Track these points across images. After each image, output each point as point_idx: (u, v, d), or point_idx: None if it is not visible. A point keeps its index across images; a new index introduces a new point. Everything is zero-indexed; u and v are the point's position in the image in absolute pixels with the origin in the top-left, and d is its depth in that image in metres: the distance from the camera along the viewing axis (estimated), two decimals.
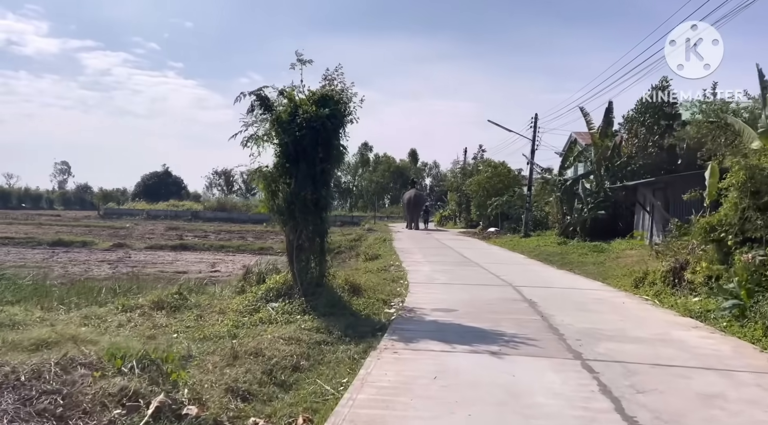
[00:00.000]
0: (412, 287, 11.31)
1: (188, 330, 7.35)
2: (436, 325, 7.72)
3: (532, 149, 28.20)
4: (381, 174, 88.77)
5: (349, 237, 33.49)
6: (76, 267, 21.58)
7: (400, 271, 14.13)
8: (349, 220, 62.63)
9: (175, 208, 72.22)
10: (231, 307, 8.47)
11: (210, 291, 11.08)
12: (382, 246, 24.41)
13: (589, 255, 19.10)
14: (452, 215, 49.18)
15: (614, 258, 18.21)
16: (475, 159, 44.92)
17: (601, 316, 8.58)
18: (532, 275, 14.16)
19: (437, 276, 13.34)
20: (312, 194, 8.62)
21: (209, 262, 24.95)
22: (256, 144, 8.90)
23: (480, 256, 19.02)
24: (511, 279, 12.66)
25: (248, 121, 8.93)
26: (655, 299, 10.16)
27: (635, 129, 24.77)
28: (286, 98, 8.89)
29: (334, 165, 9.07)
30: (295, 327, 7.39)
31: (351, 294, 9.54)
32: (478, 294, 10.54)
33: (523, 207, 31.28)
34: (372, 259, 19.21)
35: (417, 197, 41.43)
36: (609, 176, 25.43)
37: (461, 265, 16.12)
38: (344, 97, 8.98)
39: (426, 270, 14.50)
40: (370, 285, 10.82)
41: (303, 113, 8.58)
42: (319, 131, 8.58)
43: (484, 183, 35.39)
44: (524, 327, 7.60)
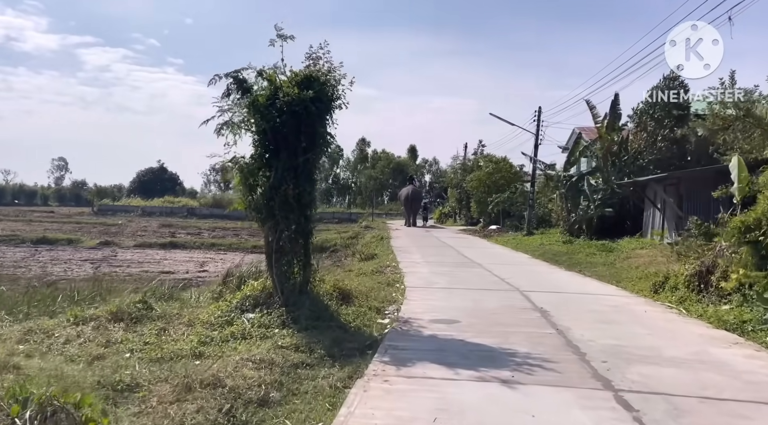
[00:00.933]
0: (409, 292, 10.23)
1: (145, 348, 6.27)
2: (436, 342, 6.64)
3: (535, 143, 27.12)
4: (380, 170, 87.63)
5: (345, 235, 32.42)
6: (56, 266, 20.50)
7: (396, 273, 13.06)
8: (347, 217, 61.60)
9: (171, 205, 71.07)
10: (201, 318, 7.39)
11: (184, 296, 9.99)
12: (379, 244, 23.33)
13: (598, 255, 18.04)
14: (452, 212, 48.09)
15: (624, 258, 17.15)
16: (476, 154, 43.78)
17: (624, 329, 7.50)
18: (539, 278, 13.08)
19: (436, 279, 12.27)
20: (294, 188, 7.54)
21: (198, 261, 23.87)
22: (231, 132, 7.81)
23: (482, 256, 17.94)
24: (518, 283, 11.58)
25: (223, 107, 7.85)
26: (680, 307, 9.08)
27: (644, 122, 23.69)
28: (266, 80, 7.80)
29: (319, 155, 7.96)
30: (270, 344, 6.31)
31: (340, 302, 8.46)
32: (482, 301, 9.46)
33: (526, 204, 30.20)
34: (367, 259, 18.13)
35: (414, 194, 40.43)
36: (616, 172, 24.35)
37: (462, 266, 15.05)
38: (331, 78, 7.87)
39: (424, 272, 13.42)
40: (363, 291, 9.74)
41: (284, 96, 7.48)
42: (302, 116, 7.49)
43: (485, 179, 34.28)
44: (538, 343, 6.52)
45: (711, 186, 17.19)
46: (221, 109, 7.84)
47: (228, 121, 7.79)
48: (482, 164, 37.84)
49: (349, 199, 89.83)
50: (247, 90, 7.71)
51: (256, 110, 7.53)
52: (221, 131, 7.76)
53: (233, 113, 7.82)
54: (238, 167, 7.87)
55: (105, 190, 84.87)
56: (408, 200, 39.54)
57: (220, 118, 7.83)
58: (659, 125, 23.04)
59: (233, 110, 7.83)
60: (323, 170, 8.54)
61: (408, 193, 39.80)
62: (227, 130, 7.76)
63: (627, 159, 24.16)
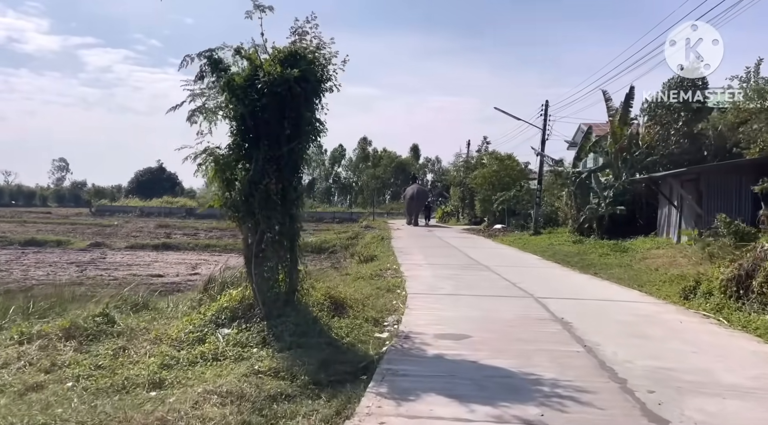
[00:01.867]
0: (410, 300, 9.16)
1: (95, 374, 5.23)
2: (443, 364, 5.57)
3: (542, 139, 26.00)
4: (383, 169, 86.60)
5: (344, 235, 31.36)
6: (40, 269, 19.48)
7: (397, 277, 12.00)
8: (348, 217, 60.57)
9: (170, 205, 70.21)
10: (169, 334, 6.34)
11: (161, 305, 8.95)
12: (379, 245, 22.27)
13: (611, 256, 16.97)
14: (455, 211, 47.00)
15: (640, 259, 16.08)
16: (479, 151, 42.66)
17: (662, 345, 6.43)
18: (553, 282, 12.01)
19: (441, 283, 11.19)
20: (276, 183, 6.48)
21: (191, 264, 22.82)
22: (206, 119, 6.77)
23: (488, 257, 16.87)
24: (531, 288, 10.51)
25: (195, 91, 6.79)
26: (719, 316, 8.00)
27: (659, 115, 22.58)
28: (245, 59, 6.75)
29: (306, 144, 6.89)
30: (245, 367, 5.27)
31: (332, 313, 7.41)
32: (494, 311, 8.39)
33: (532, 202, 29.10)
34: (367, 261, 17.08)
35: (419, 193, 39.60)
36: (627, 168, 23.27)
37: (468, 269, 13.97)
38: (320, 56, 6.81)
39: (427, 276, 12.35)
40: (359, 298, 8.67)
41: (264, 76, 6.42)
42: (286, 99, 6.43)
43: (490, 177, 33.19)
44: (566, 365, 5.45)
45: (734, 182, 16.21)
46: (193, 93, 6.81)
47: (201, 106, 6.76)
48: (486, 161, 36.74)
49: (350, 198, 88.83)
50: (224, 71, 6.65)
51: (231, 92, 6.48)
52: (193, 118, 6.73)
53: (206, 97, 6.78)
54: (213, 159, 6.81)
55: (103, 190, 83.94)
56: (413, 199, 38.83)
57: (192, 103, 6.80)
58: (674, 119, 21.91)
59: (206, 94, 6.79)
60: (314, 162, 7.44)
61: (413, 192, 39.14)
62: (200, 116, 6.72)
63: (638, 154, 23.07)
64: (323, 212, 68.13)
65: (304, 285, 7.47)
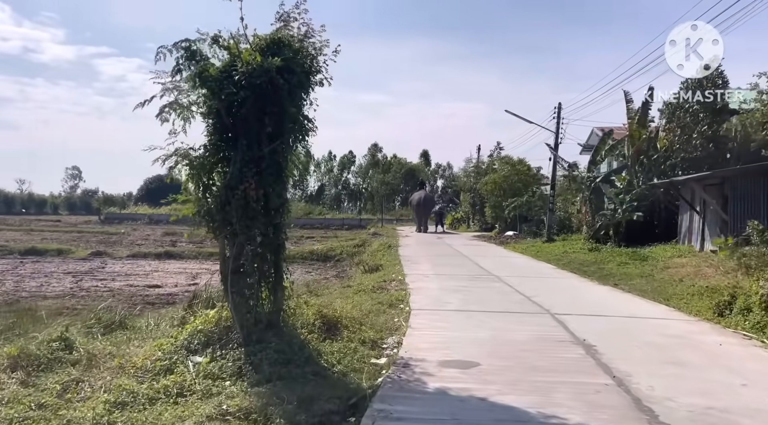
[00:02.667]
0: (414, 317, 8.29)
1: (33, 416, 4.41)
2: (446, 403, 4.69)
3: (555, 142, 25.01)
4: (393, 175, 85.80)
5: (351, 242, 30.54)
6: (33, 280, 18.80)
7: (401, 289, 11.14)
8: (357, 223, 59.79)
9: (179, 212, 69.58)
10: (134, 362, 5.53)
11: (140, 324, 8.15)
12: (386, 254, 21.43)
13: (631, 265, 15.99)
14: (465, 217, 46.04)
15: (662, 268, 15.09)
16: (491, 156, 41.70)
17: (704, 376, 5.50)
18: (570, 294, 11.07)
19: (448, 297, 10.30)
20: (256, 188, 5.66)
21: (192, 273, 22.06)
22: (180, 116, 5.98)
23: (500, 267, 15.95)
24: (547, 302, 9.61)
25: (168, 85, 6.00)
26: (763, 337, 7.05)
27: (678, 117, 21.54)
28: (224, 49, 5.96)
29: (291, 144, 6.07)
30: (213, 406, 4.44)
31: (324, 335, 6.57)
32: (507, 330, 7.49)
33: (545, 208, 28.13)
34: (372, 271, 16.24)
35: (426, 199, 38.81)
36: (644, 172, 22.25)
37: (478, 280, 13.07)
38: (308, 44, 6.01)
39: (434, 288, 11.47)
40: (356, 316, 7.82)
41: (243, 66, 5.63)
42: (266, 92, 5.63)
43: (501, 182, 32.23)
44: (594, 405, 4.56)
45: (762, 186, 15.18)
46: (165, 86, 6.01)
47: (174, 101, 5.96)
48: (497, 166, 35.80)
49: (359, 205, 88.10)
50: (200, 63, 5.85)
51: (205, 84, 5.68)
52: (164, 115, 5.94)
53: (179, 92, 5.98)
54: (187, 162, 6.01)
55: (112, 198, 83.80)
56: (419, 205, 38.17)
57: (165, 98, 6.01)
58: (695, 120, 20.88)
59: (180, 88, 5.99)
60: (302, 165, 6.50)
61: (420, 198, 38.49)
62: (172, 112, 5.92)
63: (657, 157, 22.04)
64: (332, 219, 67.38)
65: (291, 303, 6.62)
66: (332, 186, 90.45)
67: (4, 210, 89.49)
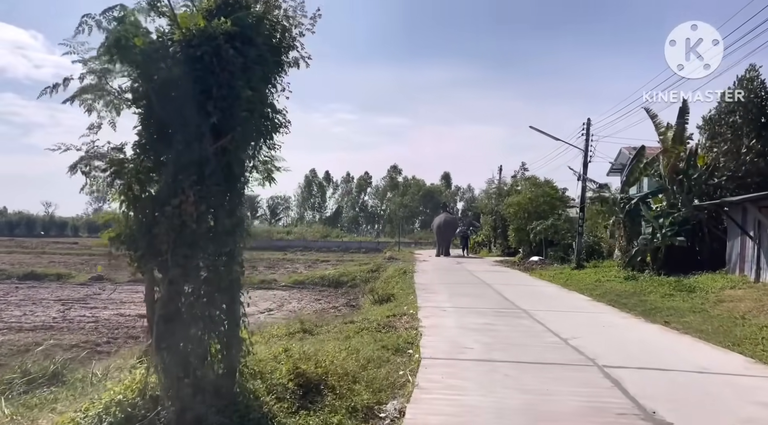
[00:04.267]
0: (424, 369, 6.54)
1: None
2: None
3: (584, 161, 23.14)
4: (411, 197, 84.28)
5: (365, 267, 28.82)
6: (19, 309, 17.35)
7: (412, 328, 9.39)
8: (374, 247, 58.17)
9: None
10: None
11: (82, 375, 6.55)
12: (400, 281, 19.68)
13: (677, 297, 14.02)
14: (486, 241, 44.01)
15: (714, 301, 13.14)
16: (515, 177, 39.80)
17: None
18: (617, 336, 9.18)
19: (467, 339, 8.50)
20: (196, 203, 4.03)
21: None
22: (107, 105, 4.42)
23: (527, 298, 14.08)
24: (590, 347, 7.78)
25: (90, 63, 4.45)
26: None
27: (721, 132, 19.63)
28: (162, 16, 4.40)
29: (247, 140, 4.43)
30: None
31: (299, 402, 4.87)
32: (545, 394, 5.68)
33: (573, 231, 26.14)
34: (382, 302, 14.50)
35: (447, 222, 37.29)
36: (684, 193, 20.24)
37: (503, 315, 11.23)
38: (272, 6, 4.44)
39: (450, 326, 9.67)
40: (350, 370, 6.09)
41: (182, 34, 4.06)
42: (210, 67, 4.04)
43: (526, 204, 30.31)
44: None
45: None
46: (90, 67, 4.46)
47: (96, 84, 4.41)
48: (521, 188, 33.90)
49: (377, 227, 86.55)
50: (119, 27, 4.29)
51: (126, 58, 4.11)
52: (84, 99, 4.38)
53: (104, 72, 4.43)
54: (113, 168, 4.41)
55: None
56: (440, 228, 37.03)
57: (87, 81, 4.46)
58: (739, 134, 18.95)
59: (106, 66, 4.43)
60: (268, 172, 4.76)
61: (440, 222, 37.33)
62: (90, 99, 4.36)
63: (698, 177, 20.04)
64: (350, 242, 65.89)
65: (246, 359, 4.92)
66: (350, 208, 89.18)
67: (25, 232, 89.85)
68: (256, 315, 17.91)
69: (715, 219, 19.52)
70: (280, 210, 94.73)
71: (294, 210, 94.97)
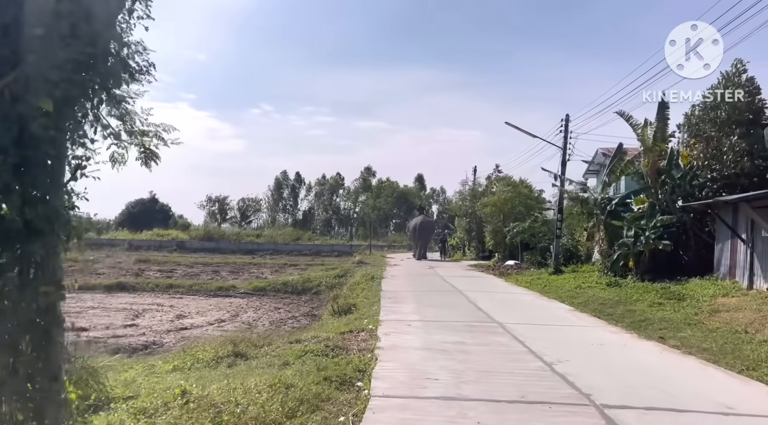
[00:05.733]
0: (371, 415, 4.96)
1: None
2: None
3: (563, 160, 21.86)
4: (385, 199, 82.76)
5: (332, 273, 27.24)
6: None
7: (368, 349, 7.83)
8: (347, 250, 56.49)
9: (160, 238, 66.64)
10: None
11: None
12: (366, 288, 18.13)
13: (667, 306, 12.74)
14: (460, 244, 42.70)
15: (709, 312, 11.87)
16: (489, 179, 38.54)
17: None
18: (611, 359, 7.74)
19: (432, 365, 6.96)
20: None
21: (137, 310, 18.64)
22: None
23: (504, 308, 12.66)
24: (581, 376, 6.32)
25: None
26: None
27: (705, 129, 18.54)
28: None
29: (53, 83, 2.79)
30: None
31: None
32: None
33: (550, 234, 24.90)
34: (342, 313, 12.95)
35: (424, 224, 36.41)
36: (667, 193, 19.12)
37: (477, 330, 9.73)
38: None
39: (415, 346, 8.13)
40: (270, 419, 4.49)
41: None
42: None
43: (501, 205, 29.03)
44: None
45: None
46: None
47: None
48: (495, 189, 32.63)
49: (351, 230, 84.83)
50: None
51: None
52: None
53: None
54: None
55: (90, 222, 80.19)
56: (416, 231, 36.08)
57: None
58: (727, 132, 17.87)
59: None
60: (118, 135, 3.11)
61: (417, 224, 36.44)
62: None
63: (681, 176, 18.91)
64: (322, 245, 64.10)
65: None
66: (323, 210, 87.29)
67: None
68: (205, 326, 16.19)
69: (701, 221, 18.42)
70: (250, 212, 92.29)
71: (265, 212, 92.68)
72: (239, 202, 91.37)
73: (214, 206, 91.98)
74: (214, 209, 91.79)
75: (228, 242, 64.07)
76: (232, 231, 73.32)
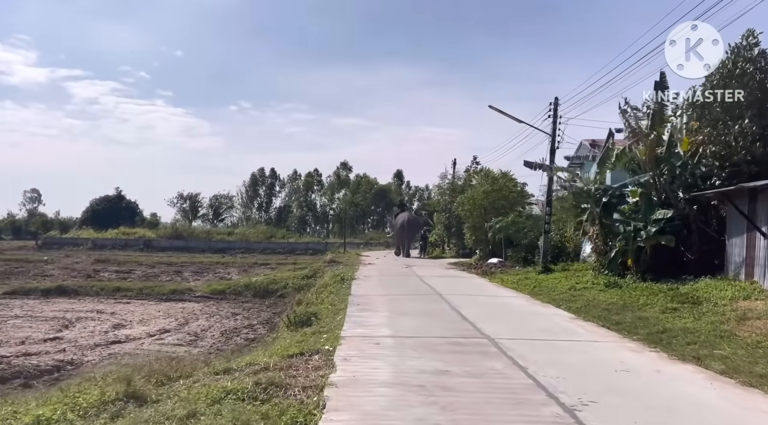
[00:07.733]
0: None
1: None
2: None
3: (551, 147, 19.85)
4: (363, 195, 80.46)
5: (301, 273, 25.00)
6: None
7: (315, 386, 5.64)
8: (322, 248, 54.26)
9: (126, 236, 63.56)
10: None
11: None
12: (334, 291, 15.91)
13: (683, 312, 10.81)
14: (439, 241, 40.72)
15: (736, 319, 9.94)
16: (468, 171, 36.61)
17: None
18: (656, 398, 5.67)
19: (406, 418, 4.81)
20: None
21: (68, 319, 16.11)
22: None
23: (493, 317, 10.59)
24: None
25: None
26: None
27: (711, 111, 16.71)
28: None
29: None
30: None
31: None
32: None
33: (535, 230, 23.01)
34: (299, 325, 10.76)
35: (411, 221, 34.93)
36: (667, 183, 17.28)
37: (464, 353, 7.59)
38: None
39: (381, 380, 5.95)
40: None
41: None
42: None
43: (482, 199, 27.04)
44: None
45: None
46: None
47: None
48: (476, 182, 30.66)
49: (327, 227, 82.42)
50: None
51: None
52: None
53: None
54: None
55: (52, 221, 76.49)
56: (403, 228, 34.35)
57: None
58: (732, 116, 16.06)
59: None
60: None
61: (404, 220, 34.71)
62: None
63: (682, 164, 17.08)
64: (297, 243, 61.69)
65: None
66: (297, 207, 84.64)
67: None
68: (142, 339, 13.76)
69: (705, 214, 16.62)
70: (223, 209, 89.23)
71: (239, 209, 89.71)
72: (211, 199, 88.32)
73: (186, 203, 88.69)
74: (185, 206, 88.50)
75: (198, 240, 61.26)
76: (202, 229, 70.44)
